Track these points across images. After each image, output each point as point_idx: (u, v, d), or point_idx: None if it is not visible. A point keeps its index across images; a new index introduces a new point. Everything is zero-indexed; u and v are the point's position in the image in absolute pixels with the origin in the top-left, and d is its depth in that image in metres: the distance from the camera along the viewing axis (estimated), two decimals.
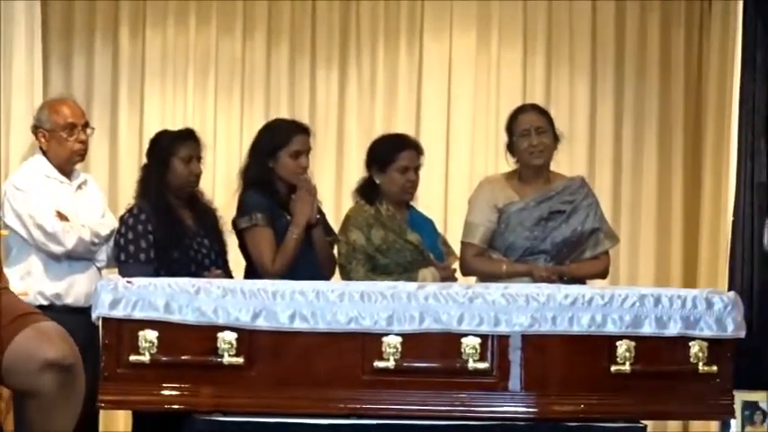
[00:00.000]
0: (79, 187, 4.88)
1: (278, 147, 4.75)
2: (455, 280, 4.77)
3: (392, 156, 4.86)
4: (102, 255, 4.80)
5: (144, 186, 4.83)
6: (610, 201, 6.19)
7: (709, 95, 6.32)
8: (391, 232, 4.76)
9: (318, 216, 4.79)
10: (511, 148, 4.86)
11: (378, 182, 4.85)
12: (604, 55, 6.49)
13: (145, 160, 4.95)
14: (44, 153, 4.83)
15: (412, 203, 5.00)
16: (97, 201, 4.95)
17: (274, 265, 4.60)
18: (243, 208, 4.73)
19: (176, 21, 6.36)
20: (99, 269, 4.80)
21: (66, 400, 1.97)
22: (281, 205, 4.73)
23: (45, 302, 4.61)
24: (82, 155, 4.90)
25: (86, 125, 4.90)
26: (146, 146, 5.01)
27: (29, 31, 5.83)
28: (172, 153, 4.80)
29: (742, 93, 5.82)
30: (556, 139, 4.86)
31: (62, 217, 4.70)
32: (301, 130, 4.84)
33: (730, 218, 5.87)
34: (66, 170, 4.84)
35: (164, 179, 4.79)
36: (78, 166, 4.95)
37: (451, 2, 6.47)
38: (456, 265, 4.89)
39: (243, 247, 4.76)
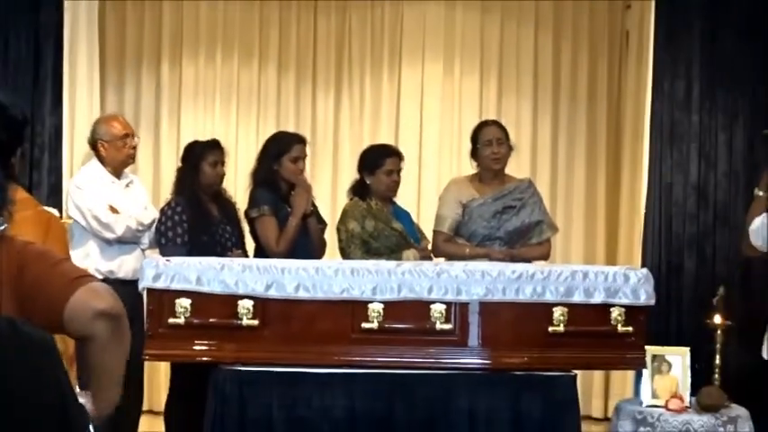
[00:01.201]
0: (127, 186, 4.85)
1: (281, 153, 4.71)
2: (431, 259, 4.75)
3: (379, 161, 4.81)
4: (146, 239, 4.77)
5: (179, 185, 4.80)
6: (548, 197, 6.14)
7: (626, 114, 6.30)
8: (380, 222, 4.72)
9: (312, 208, 4.75)
10: (474, 154, 4.81)
11: (368, 182, 4.80)
12: (544, 82, 6.47)
13: (180, 164, 4.92)
14: (102, 159, 4.78)
15: (394, 199, 4.98)
16: (141, 196, 4.91)
17: (278, 247, 4.57)
18: (253, 201, 4.69)
19: (206, 55, 6.33)
20: (143, 250, 4.77)
21: (117, 343, 1.99)
22: (283, 199, 4.70)
23: (101, 277, 4.54)
24: (133, 158, 4.89)
25: (134, 135, 4.88)
26: (181, 153, 4.98)
27: (90, 64, 5.79)
28: (201, 159, 4.77)
29: (652, 112, 5.82)
30: (510, 148, 4.82)
31: (113, 210, 4.67)
32: (299, 140, 4.80)
33: (643, 210, 5.86)
34: (117, 172, 4.81)
35: (195, 179, 4.76)
36: (127, 169, 4.92)
37: (423, 38, 6.44)
38: (429, 247, 4.87)
39: (253, 232, 4.73)
